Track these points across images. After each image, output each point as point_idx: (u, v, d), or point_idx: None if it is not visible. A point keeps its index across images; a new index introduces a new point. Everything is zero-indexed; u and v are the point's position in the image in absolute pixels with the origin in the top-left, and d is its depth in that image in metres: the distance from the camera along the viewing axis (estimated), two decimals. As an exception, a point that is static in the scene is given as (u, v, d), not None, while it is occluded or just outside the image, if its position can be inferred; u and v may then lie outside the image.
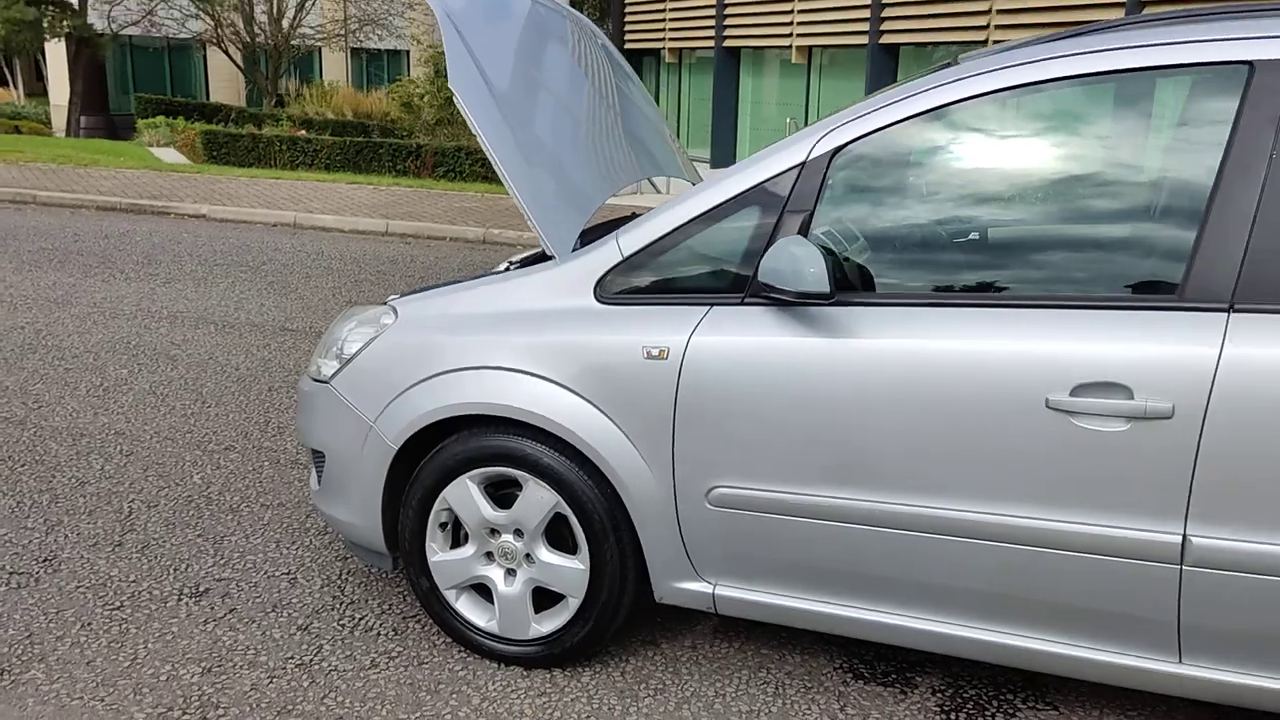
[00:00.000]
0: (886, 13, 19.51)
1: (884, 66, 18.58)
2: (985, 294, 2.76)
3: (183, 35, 34.30)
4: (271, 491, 4.56)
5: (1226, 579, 2.54)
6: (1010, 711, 3.15)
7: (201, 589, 3.73)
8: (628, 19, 29.64)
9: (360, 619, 3.57)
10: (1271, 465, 2.45)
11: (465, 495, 3.24)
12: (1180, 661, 2.69)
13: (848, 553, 2.88)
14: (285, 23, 32.67)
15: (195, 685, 3.16)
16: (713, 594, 3.09)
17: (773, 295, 2.80)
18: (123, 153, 19.07)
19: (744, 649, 3.44)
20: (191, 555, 3.98)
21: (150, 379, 6.10)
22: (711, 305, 2.95)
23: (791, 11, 21.76)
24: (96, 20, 29.52)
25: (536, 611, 3.28)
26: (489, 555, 3.30)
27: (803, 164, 2.88)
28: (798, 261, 2.70)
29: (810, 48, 21.33)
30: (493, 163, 3.19)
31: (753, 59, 23.88)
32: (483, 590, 3.36)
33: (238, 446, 5.09)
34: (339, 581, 3.82)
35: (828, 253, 2.78)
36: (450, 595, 3.36)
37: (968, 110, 2.81)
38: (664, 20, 27.31)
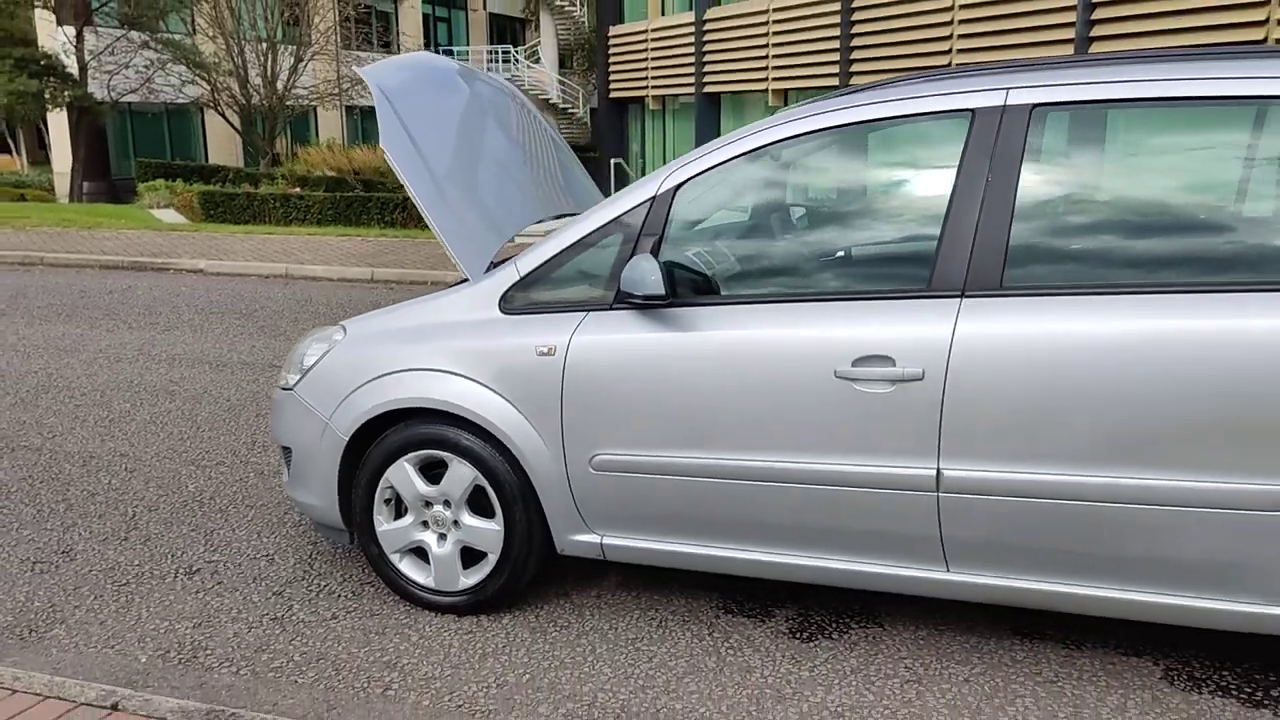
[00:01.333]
0: (855, 55, 20.55)
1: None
2: (790, 292, 3.56)
3: (181, 100, 35.36)
4: (255, 495, 5.34)
5: (971, 501, 3.32)
6: (844, 629, 3.90)
7: (194, 569, 4.50)
8: (612, 70, 30.67)
9: (325, 585, 4.33)
10: (995, 410, 3.23)
11: (404, 475, 4.02)
12: (949, 570, 3.46)
13: (700, 501, 3.65)
14: (279, 85, 33.74)
15: (188, 635, 3.92)
16: (601, 543, 3.86)
17: (629, 300, 3.60)
18: (124, 215, 19.97)
19: (639, 596, 4.20)
20: (186, 545, 4.75)
21: (151, 411, 6.90)
22: (588, 311, 3.74)
23: (766, 58, 22.80)
24: (96, 89, 30.55)
25: (465, 568, 4.04)
26: (425, 523, 4.07)
27: (653, 198, 3.69)
28: (644, 273, 3.50)
29: (786, 90, 22.37)
30: (418, 207, 4.01)
31: (732, 103, 24.90)
32: (421, 553, 4.12)
33: (227, 462, 5.87)
34: (309, 560, 4.58)
35: (671, 265, 3.58)
36: (395, 558, 4.13)
37: (777, 150, 3.62)
38: (646, 70, 28.31)
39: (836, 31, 22.37)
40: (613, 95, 31.16)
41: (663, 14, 29.64)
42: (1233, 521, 3.09)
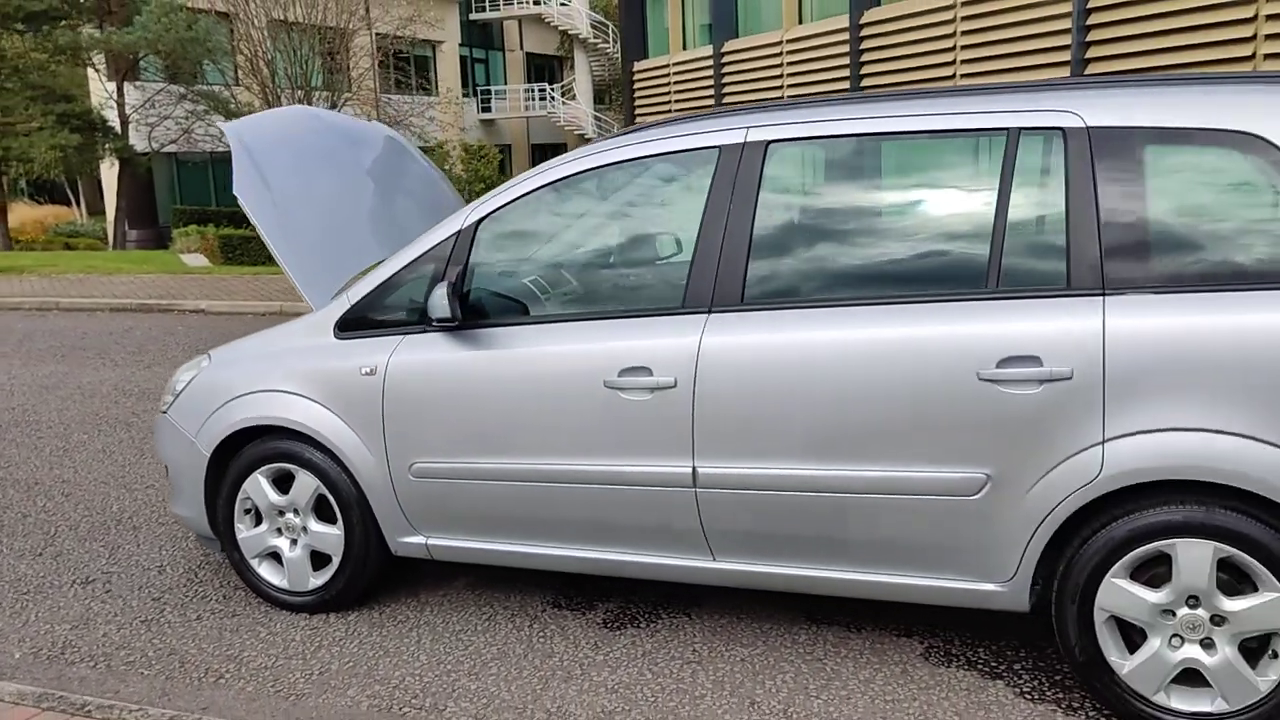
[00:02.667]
0: (865, 83, 20.97)
1: None
2: (566, 313, 3.96)
3: (221, 149, 36.49)
4: (169, 514, 5.80)
5: (724, 495, 3.67)
6: (654, 619, 4.26)
7: (90, 579, 4.95)
8: (637, 104, 31.26)
9: (201, 592, 4.76)
10: (736, 412, 3.59)
11: (258, 486, 4.45)
12: (715, 559, 3.81)
13: (500, 503, 4.04)
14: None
15: (63, 635, 4.36)
16: (426, 544, 4.26)
17: (431, 324, 4.01)
18: (150, 260, 20.81)
19: (480, 594, 4.58)
20: (91, 558, 5.20)
21: (104, 441, 7.41)
22: (405, 334, 4.16)
23: (781, 88, 23.30)
24: (138, 141, 31.65)
25: (314, 570, 4.45)
26: (279, 530, 4.49)
27: (458, 232, 4.10)
28: (437, 299, 3.91)
29: None
30: (268, 246, 4.45)
31: None
32: (277, 557, 4.54)
33: (156, 485, 6.34)
34: (196, 570, 5.01)
35: (469, 291, 3.99)
36: (255, 563, 4.55)
37: (560, 186, 4.02)
38: (670, 103, 28.91)
39: (846, 60, 22.83)
40: (638, 118, 31.71)
41: (684, 48, 30.23)
42: (933, 506, 3.42)
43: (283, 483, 4.44)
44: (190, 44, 27.81)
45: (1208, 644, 3.24)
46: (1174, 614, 3.26)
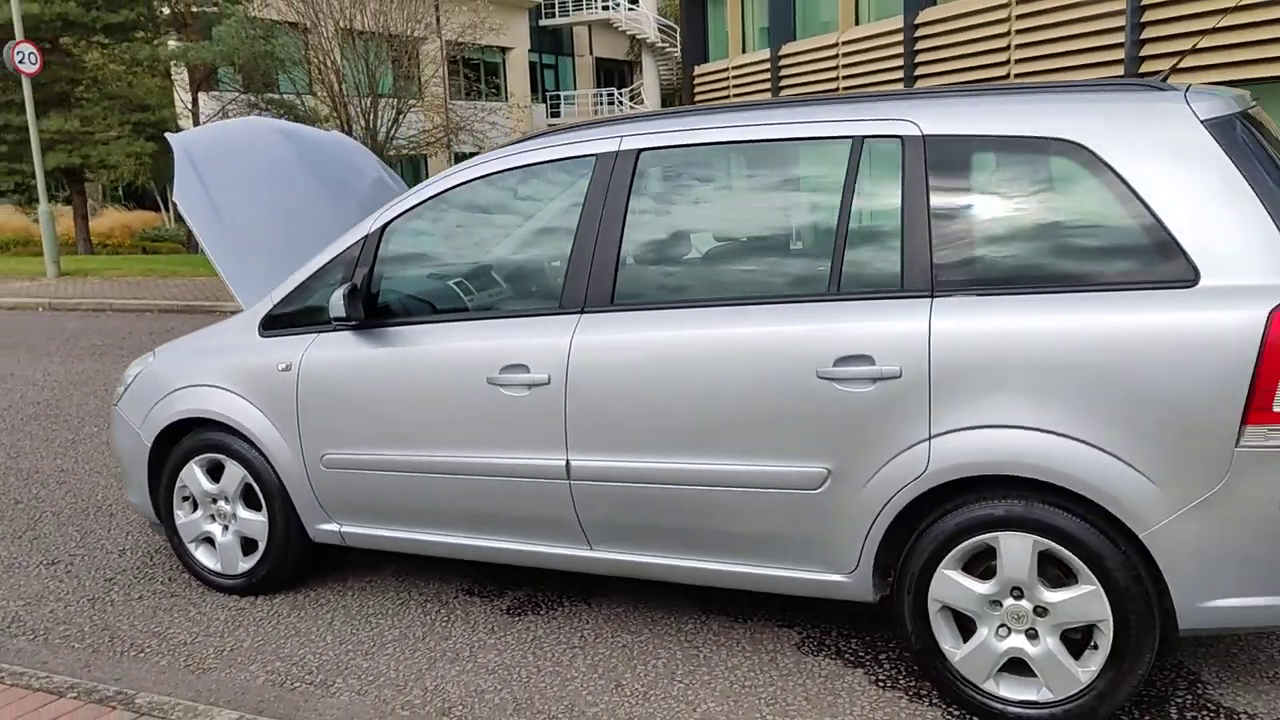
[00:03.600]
0: (920, 57, 20.95)
1: None
2: (457, 313, 4.18)
3: (291, 155, 37.39)
4: (126, 501, 6.12)
5: (595, 486, 3.86)
6: (555, 607, 4.45)
7: (56, 560, 5.29)
8: (697, 99, 31.44)
9: (151, 574, 5.06)
10: (604, 408, 3.77)
11: (192, 475, 4.74)
12: (592, 548, 4.00)
13: (398, 492, 4.27)
14: (380, 137, 35.48)
15: (14, 611, 4.69)
16: (340, 531, 4.50)
17: (333, 323, 4.26)
18: (207, 264, 21.48)
19: (403, 581, 4.82)
20: (64, 542, 5.55)
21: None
22: (318, 333, 4.41)
23: (837, 89, 23.37)
24: (211, 148, 32.51)
25: (244, 554, 4.73)
26: (212, 516, 4.77)
27: (366, 236, 4.35)
28: (336, 299, 4.16)
29: None
30: (204, 250, 4.75)
31: None
32: (210, 541, 4.82)
33: (144, 475, 6.70)
34: (152, 554, 5.32)
35: (372, 292, 4.22)
36: (192, 547, 4.84)
37: (455, 193, 4.24)
38: (728, 97, 29.10)
39: (901, 61, 22.81)
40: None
41: (743, 51, 30.37)
42: (780, 500, 3.57)
43: (215, 472, 4.72)
44: (264, 57, 28.60)
45: (1032, 634, 3.35)
46: (1000, 605, 3.38)
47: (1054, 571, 3.31)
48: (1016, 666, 3.41)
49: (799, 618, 4.24)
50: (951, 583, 3.41)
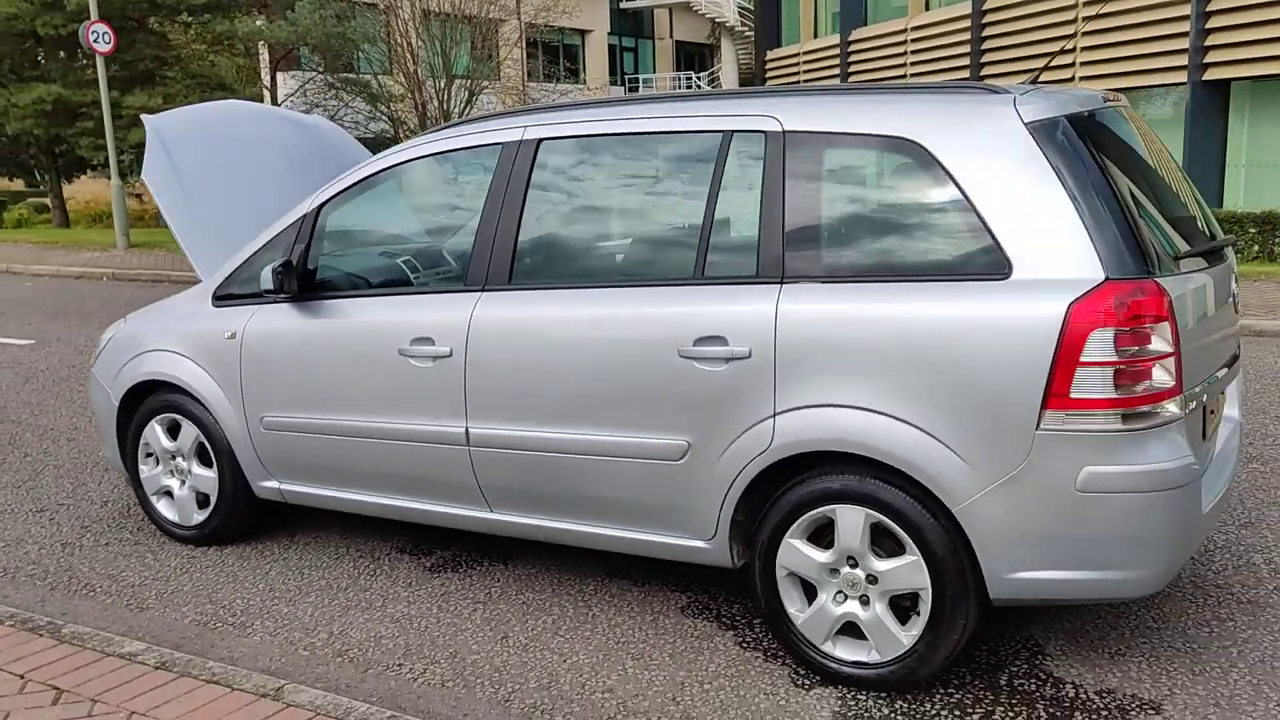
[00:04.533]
0: (985, 71, 20.87)
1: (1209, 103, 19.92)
2: (378, 288, 4.50)
3: (367, 135, 38.22)
4: (102, 457, 6.56)
5: (490, 453, 4.16)
6: (475, 566, 4.76)
7: (44, 509, 5.75)
8: (768, 84, 31.48)
9: (123, 524, 5.49)
10: (498, 380, 4.06)
11: (154, 433, 5.14)
12: (491, 511, 4.30)
13: (327, 454, 4.61)
14: (454, 118, 36.07)
15: (-5, 552, 5.15)
16: (280, 489, 4.86)
17: (264, 295, 4.61)
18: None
19: (346, 538, 5.17)
20: (56, 492, 6.01)
21: (128, 397, 8.31)
22: (260, 305, 4.76)
23: (904, 76, 23.36)
24: (288, 126, 33.35)
25: (199, 508, 5.12)
26: (171, 472, 5.17)
27: (304, 216, 4.69)
28: (267, 274, 4.51)
29: None
30: (169, 225, 5.13)
31: None
32: (170, 495, 5.22)
33: (146, 435, 7.16)
34: (131, 507, 5.74)
35: (304, 267, 4.56)
36: (154, 499, 5.24)
37: (383, 176, 4.55)
38: (799, 82, 29.12)
39: (967, 49, 22.68)
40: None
41: (815, 36, 30.33)
42: (648, 469, 3.83)
43: (174, 430, 5.10)
44: (336, 37, 29.31)
45: (865, 601, 3.58)
46: (838, 573, 3.61)
47: (890, 543, 3.52)
48: (852, 630, 3.63)
49: (693, 584, 4.49)
50: (796, 551, 3.64)
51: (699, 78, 48.30)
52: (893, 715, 3.49)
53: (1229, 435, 4.12)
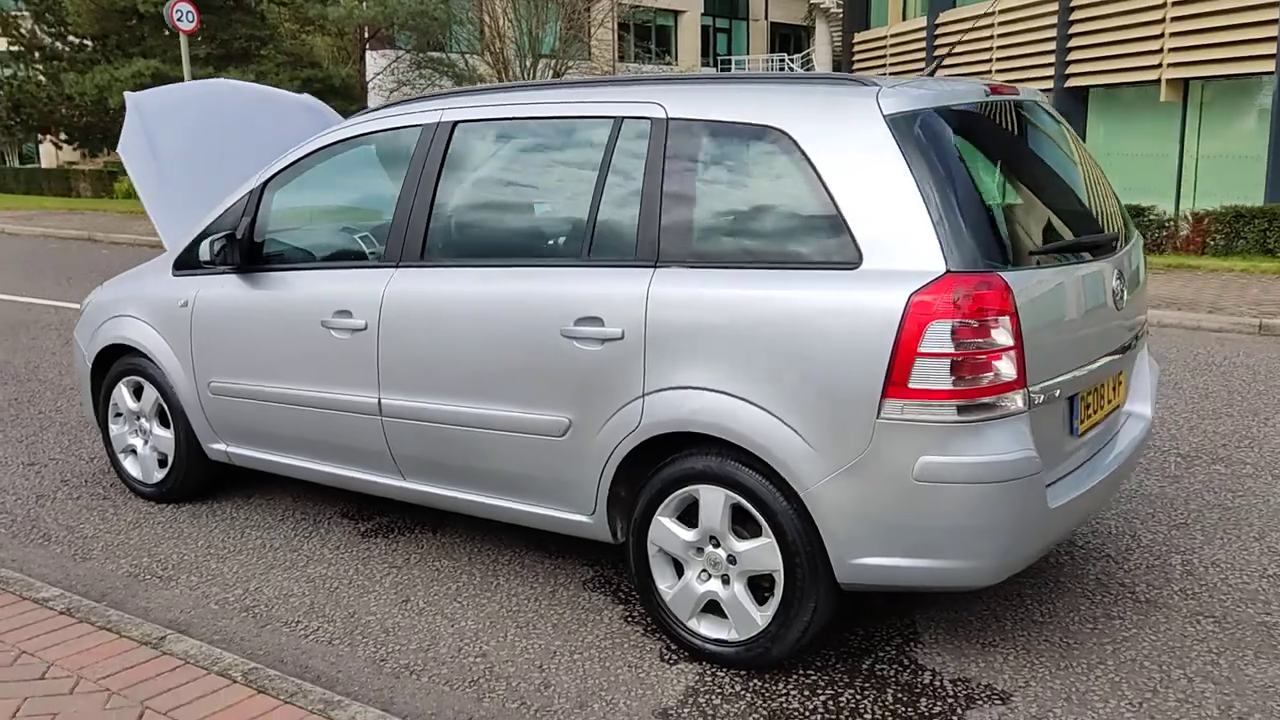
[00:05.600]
0: (1071, 55, 20.51)
1: (1073, 109, 19.91)
2: (306, 262, 4.69)
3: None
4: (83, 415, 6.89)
5: (400, 424, 4.32)
6: (406, 533, 4.94)
7: (35, 462, 6.08)
8: (855, 67, 31.11)
9: (100, 480, 5.78)
10: (406, 353, 4.22)
11: (121, 395, 5.41)
12: (404, 479, 4.47)
13: (264, 420, 4.82)
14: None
15: (-26, 500, 5.48)
16: (227, 451, 5.10)
17: (204, 266, 4.83)
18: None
19: (296, 501, 5.38)
20: (51, 447, 6.34)
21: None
22: (210, 275, 4.99)
23: (990, 60, 22.97)
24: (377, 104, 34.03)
25: (160, 468, 5.38)
26: (136, 431, 5.44)
27: (250, 191, 4.89)
28: (205, 246, 4.72)
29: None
30: (141, 198, 5.39)
31: None
32: (135, 453, 5.49)
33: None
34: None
35: (246, 241, 4.76)
36: (121, 457, 5.52)
37: (317, 157, 4.73)
38: (885, 66, 28.79)
39: (1054, 33, 22.20)
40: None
41: (903, 19, 29.92)
42: (536, 444, 3.96)
43: (139, 392, 5.37)
44: (420, 17, 29.83)
45: (726, 580, 3.66)
46: (702, 552, 3.69)
47: (751, 525, 3.59)
48: (717, 607, 3.71)
49: (602, 559, 4.60)
50: (665, 529, 3.74)
51: (791, 60, 47.89)
52: (744, 693, 3.56)
53: (1130, 432, 4.10)
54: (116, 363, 5.41)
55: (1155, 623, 3.99)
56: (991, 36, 24.41)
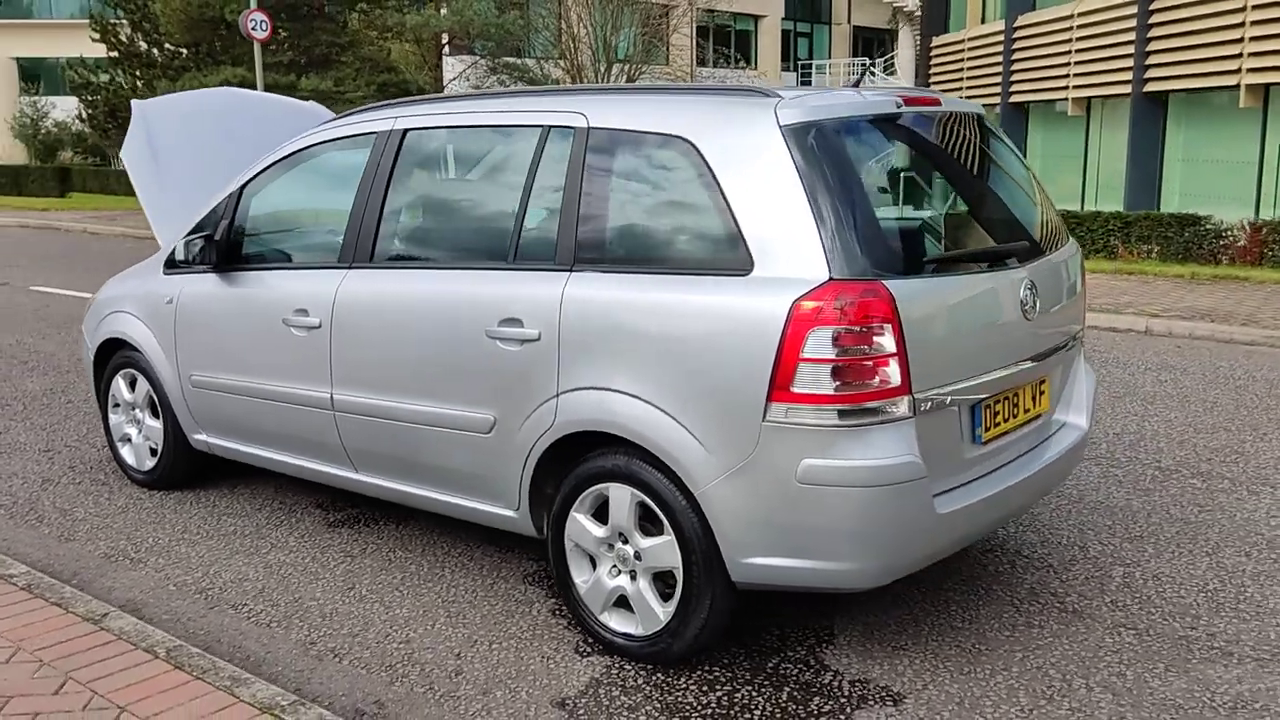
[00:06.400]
0: (1150, 60, 20.21)
1: (1150, 114, 19.66)
2: (272, 262, 4.91)
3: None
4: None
5: (350, 418, 4.51)
6: (371, 524, 5.13)
7: (50, 448, 6.40)
8: (932, 82, 30.82)
9: (105, 468, 6.07)
10: (354, 351, 4.41)
11: (118, 386, 5.70)
12: (357, 471, 4.65)
13: (241, 412, 5.05)
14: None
15: (-18, 482, 5.81)
16: (208, 441, 5.34)
17: (179, 266, 5.07)
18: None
19: (279, 491, 5.60)
20: (71, 436, 6.66)
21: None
22: (193, 274, 5.24)
23: (1068, 65, 22.69)
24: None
25: (151, 455, 5.65)
26: (132, 421, 5.72)
27: (230, 194, 5.13)
28: (180, 246, 4.97)
29: (1088, 99, 22.41)
30: (140, 200, 5.67)
31: (1041, 114, 24.98)
32: (130, 441, 5.77)
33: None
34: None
35: (224, 241, 4.99)
36: (119, 445, 5.79)
37: (287, 163, 4.94)
38: (961, 81, 28.48)
39: (1132, 36, 21.79)
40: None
41: (982, 21, 29.52)
42: (465, 440, 4.11)
43: (134, 384, 5.65)
44: (496, 27, 30.41)
45: (633, 575, 3.77)
46: (613, 548, 3.81)
47: (659, 522, 3.70)
48: (627, 602, 3.82)
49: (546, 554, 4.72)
50: (580, 525, 3.86)
51: (872, 65, 47.48)
52: (645, 686, 3.67)
53: (1061, 442, 4.12)
54: (115, 355, 5.69)
55: (1075, 633, 4.00)
56: (1070, 40, 24.00)
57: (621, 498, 3.71)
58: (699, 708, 3.53)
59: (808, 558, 3.40)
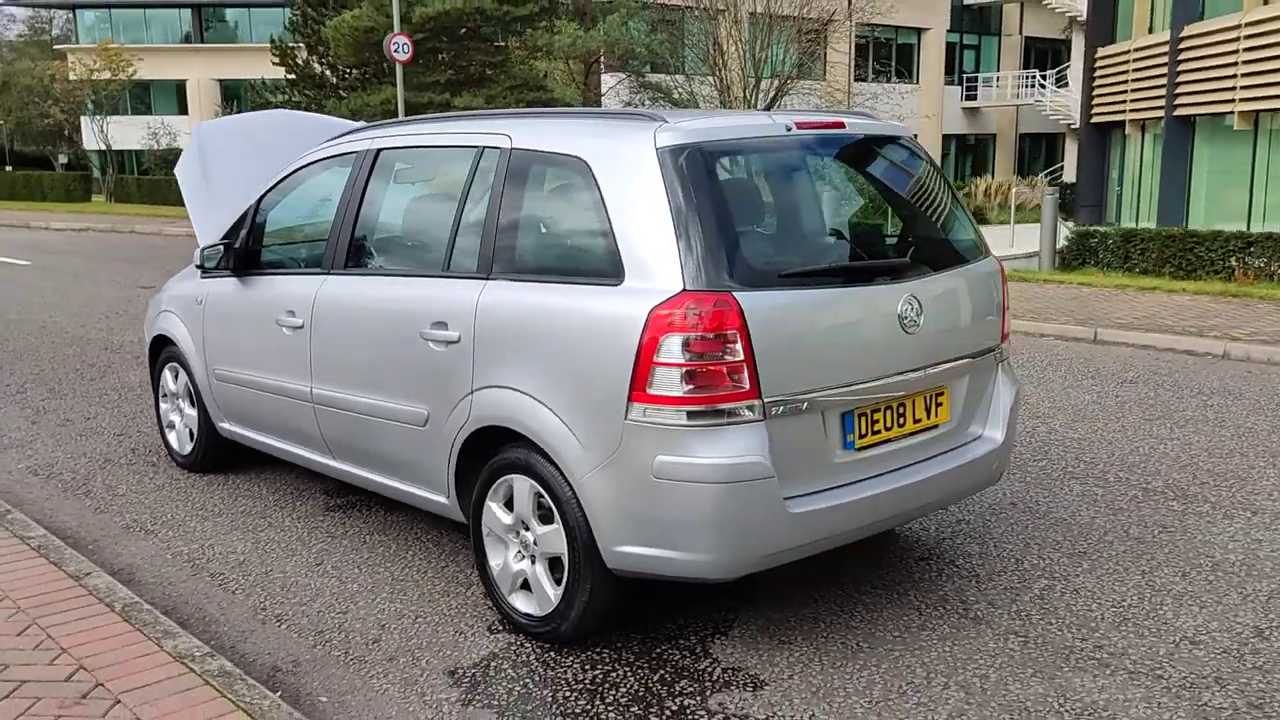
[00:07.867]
0: None
1: None
2: (275, 267, 5.43)
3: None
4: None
5: (325, 410, 4.99)
6: (364, 509, 5.61)
7: (123, 433, 7.13)
8: (1096, 94, 29.86)
9: (156, 449, 6.74)
10: (328, 348, 4.89)
11: (165, 377, 6.35)
12: (334, 459, 5.13)
13: (248, 403, 5.60)
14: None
15: (58, 458, 6.53)
16: (230, 429, 5.92)
17: (206, 270, 5.66)
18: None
19: (297, 477, 6.13)
20: (142, 422, 7.38)
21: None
22: (218, 277, 5.82)
23: (1235, 77, 21.96)
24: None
25: (190, 440, 6.27)
26: (175, 409, 6.36)
27: (247, 210, 5.69)
28: (198, 254, 5.56)
29: (1256, 111, 21.66)
30: (189, 212, 6.31)
31: (1208, 126, 24.22)
32: (174, 427, 6.40)
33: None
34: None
35: (243, 249, 5.56)
36: (166, 430, 6.45)
37: (297, 176, 5.47)
38: (1125, 93, 27.64)
39: (1300, 49, 20.88)
40: (1094, 120, 30.30)
41: (1149, 32, 28.52)
42: (406, 432, 4.53)
43: (177, 376, 6.29)
44: (643, 47, 31.20)
45: (533, 560, 4.11)
46: (519, 534, 4.16)
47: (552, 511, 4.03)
48: (529, 584, 4.17)
49: (508, 542, 5.09)
50: (493, 513, 4.22)
51: (1043, 77, 46.21)
52: (534, 662, 3.99)
53: (967, 453, 4.27)
54: (163, 350, 6.34)
55: (962, 637, 4.13)
56: (1237, 51, 23.08)
57: (523, 488, 4.05)
58: (572, 683, 3.83)
59: (668, 548, 3.67)
